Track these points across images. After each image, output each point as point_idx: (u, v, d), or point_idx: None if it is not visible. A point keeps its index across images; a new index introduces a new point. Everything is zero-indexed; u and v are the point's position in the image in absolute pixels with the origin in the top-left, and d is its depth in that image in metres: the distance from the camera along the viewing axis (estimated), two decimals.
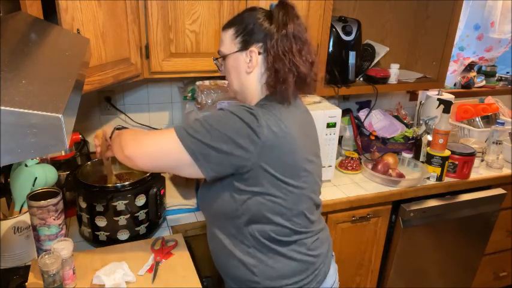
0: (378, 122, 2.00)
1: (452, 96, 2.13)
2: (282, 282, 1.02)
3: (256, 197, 0.95)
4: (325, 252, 1.10)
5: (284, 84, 0.96)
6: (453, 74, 2.47)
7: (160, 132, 0.95)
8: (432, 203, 1.74)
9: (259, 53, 0.99)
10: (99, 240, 1.22)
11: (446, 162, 1.75)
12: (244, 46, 0.99)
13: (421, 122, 2.12)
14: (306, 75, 0.99)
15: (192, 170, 0.92)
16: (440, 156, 1.74)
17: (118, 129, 1.08)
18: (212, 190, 1.01)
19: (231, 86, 1.07)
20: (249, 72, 1.01)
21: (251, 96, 1.04)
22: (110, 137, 1.09)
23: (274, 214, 0.97)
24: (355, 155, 1.86)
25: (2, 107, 0.46)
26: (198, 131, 0.90)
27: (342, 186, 1.70)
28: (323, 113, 1.55)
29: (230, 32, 1.02)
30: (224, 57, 1.04)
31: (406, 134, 1.96)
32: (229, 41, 1.02)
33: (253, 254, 1.01)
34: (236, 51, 1.01)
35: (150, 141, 0.93)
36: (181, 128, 0.91)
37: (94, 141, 1.14)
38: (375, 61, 2.00)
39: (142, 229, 1.25)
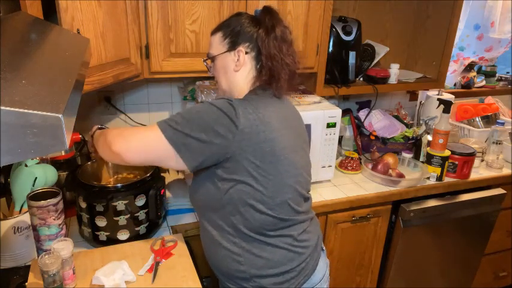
0: (378, 122, 2.00)
1: (452, 96, 2.13)
2: (268, 271, 1.04)
3: (238, 185, 0.98)
4: (313, 245, 1.11)
5: (279, 82, 1.04)
6: (453, 74, 2.47)
7: (145, 127, 1.00)
8: (432, 203, 1.74)
9: (246, 53, 1.05)
10: (99, 240, 1.22)
11: (446, 162, 1.75)
12: (232, 46, 1.06)
13: (421, 122, 2.12)
14: (294, 71, 1.08)
15: (175, 162, 0.96)
16: (440, 156, 1.75)
17: (100, 128, 1.11)
18: (197, 182, 1.04)
19: (220, 86, 1.13)
20: (237, 70, 1.07)
21: (238, 93, 1.08)
22: (92, 136, 1.12)
23: (256, 202, 1.00)
24: (355, 155, 1.86)
25: (2, 107, 0.46)
26: (178, 122, 0.95)
27: (342, 186, 1.70)
28: (323, 113, 1.55)
29: (218, 35, 1.08)
30: (213, 58, 1.10)
31: (406, 134, 1.96)
32: (217, 44, 1.09)
33: (239, 244, 1.03)
34: (224, 52, 1.07)
35: (136, 136, 0.97)
36: (163, 121, 0.97)
37: (89, 139, 1.21)
38: (375, 61, 2.00)
39: (142, 229, 1.26)
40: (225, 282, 1.10)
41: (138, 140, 0.97)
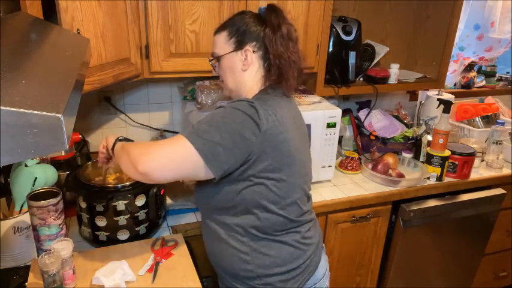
0: (378, 122, 2.00)
1: (452, 96, 2.13)
2: (275, 270, 1.04)
3: (253, 186, 0.98)
4: (316, 242, 1.13)
5: (289, 80, 1.04)
6: (453, 74, 2.47)
7: (169, 141, 0.93)
8: (432, 203, 1.74)
9: (254, 52, 1.05)
10: (99, 240, 1.22)
11: (446, 162, 1.75)
12: (239, 46, 1.05)
13: (421, 122, 2.12)
14: (301, 69, 1.07)
15: (204, 173, 0.93)
16: (440, 156, 1.74)
17: (120, 140, 1.06)
18: (209, 184, 1.02)
19: (227, 85, 1.12)
20: (245, 70, 1.06)
21: (246, 92, 1.08)
22: (112, 149, 1.06)
23: (269, 202, 1.00)
24: (355, 155, 1.86)
25: (2, 107, 0.46)
26: (206, 131, 0.91)
27: (342, 186, 1.70)
28: (323, 113, 1.55)
29: (223, 35, 1.07)
30: (219, 58, 1.09)
31: (406, 134, 1.95)
32: (223, 43, 1.07)
33: (247, 243, 1.03)
34: (231, 51, 1.06)
35: (163, 152, 0.90)
36: (190, 132, 0.92)
37: (100, 149, 1.14)
38: (375, 61, 2.00)
39: (142, 229, 1.26)
40: (230, 281, 1.10)
41: (165, 156, 0.90)
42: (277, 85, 1.06)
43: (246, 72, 1.06)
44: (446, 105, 1.79)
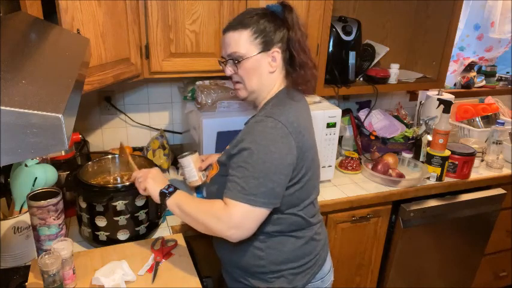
0: (378, 122, 2.00)
1: (452, 96, 2.13)
2: (288, 265, 1.06)
3: None
4: (324, 238, 1.17)
5: (310, 81, 1.05)
6: (453, 74, 2.47)
7: (237, 215, 0.94)
8: (432, 203, 1.74)
9: (280, 53, 1.03)
10: (99, 240, 1.22)
11: (446, 162, 1.75)
12: (266, 47, 1.01)
13: (421, 122, 2.12)
14: (317, 68, 1.08)
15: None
16: (440, 156, 1.74)
17: (165, 193, 1.06)
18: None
19: (248, 87, 1.05)
20: (272, 72, 1.04)
21: (267, 93, 1.07)
22: (164, 202, 1.07)
23: (290, 206, 1.02)
24: (355, 155, 1.86)
25: (2, 107, 0.46)
26: (257, 185, 0.92)
27: (342, 186, 1.70)
28: (323, 113, 1.55)
29: (246, 34, 1.00)
30: (242, 59, 1.02)
31: (406, 134, 1.95)
32: (246, 43, 1.01)
33: (263, 239, 1.05)
34: (259, 53, 1.01)
35: (244, 221, 0.94)
36: (244, 196, 0.92)
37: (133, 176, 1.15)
38: (375, 61, 2.00)
39: (142, 229, 1.25)
40: (242, 275, 1.10)
41: (249, 222, 0.95)
42: (296, 86, 1.06)
43: (273, 74, 1.04)
44: (446, 105, 1.79)
